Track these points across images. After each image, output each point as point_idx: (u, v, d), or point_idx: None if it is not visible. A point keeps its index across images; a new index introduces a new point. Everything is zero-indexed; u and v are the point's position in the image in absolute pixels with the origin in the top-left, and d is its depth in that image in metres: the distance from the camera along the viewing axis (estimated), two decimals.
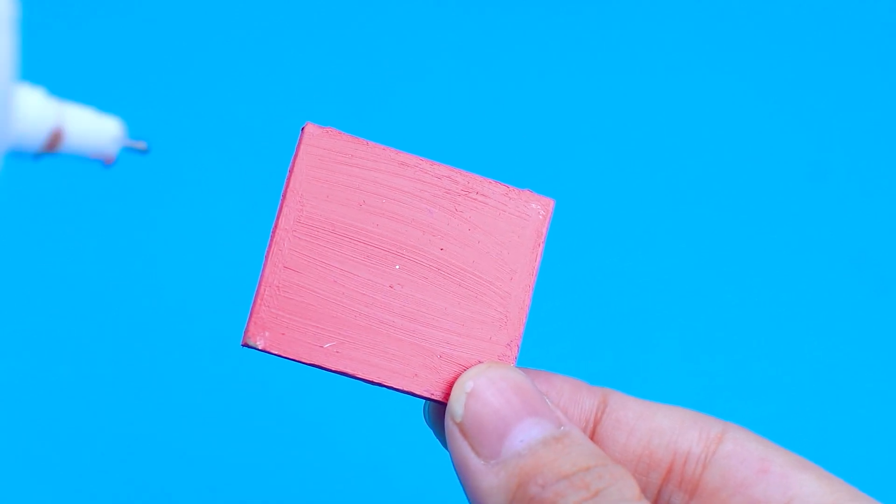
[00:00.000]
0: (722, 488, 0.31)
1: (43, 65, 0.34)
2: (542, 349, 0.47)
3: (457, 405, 0.28)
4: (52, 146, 0.24)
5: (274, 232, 0.29)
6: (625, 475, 0.28)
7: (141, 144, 0.27)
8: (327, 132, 0.30)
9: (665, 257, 0.54)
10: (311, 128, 0.30)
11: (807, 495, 0.30)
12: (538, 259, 0.30)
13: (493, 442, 0.28)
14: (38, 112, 0.23)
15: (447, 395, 0.29)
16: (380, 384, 0.29)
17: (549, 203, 0.31)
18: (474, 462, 0.28)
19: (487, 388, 0.28)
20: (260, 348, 0.29)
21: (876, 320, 0.54)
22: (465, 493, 0.28)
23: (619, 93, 0.57)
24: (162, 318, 0.46)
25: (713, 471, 0.31)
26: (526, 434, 0.28)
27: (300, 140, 0.30)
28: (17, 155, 0.23)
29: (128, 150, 0.26)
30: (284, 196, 0.29)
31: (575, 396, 0.31)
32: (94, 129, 0.25)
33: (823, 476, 0.31)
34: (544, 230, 0.30)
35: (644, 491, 0.32)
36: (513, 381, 0.29)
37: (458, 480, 0.29)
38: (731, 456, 0.31)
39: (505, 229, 0.30)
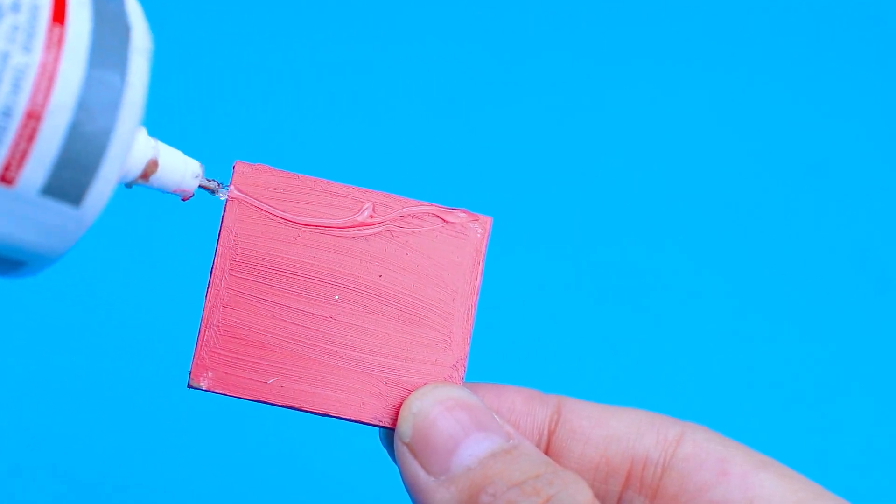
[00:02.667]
0: (682, 492, 0.31)
1: None
2: (492, 364, 0.47)
3: (404, 426, 0.28)
4: (146, 176, 0.27)
5: (211, 272, 0.29)
6: (576, 480, 0.28)
7: (214, 185, 0.29)
8: (256, 169, 0.30)
9: (603, 265, 0.54)
10: (240, 166, 0.30)
11: (768, 496, 0.30)
12: (479, 278, 0.30)
13: (442, 458, 0.28)
14: (142, 143, 0.26)
15: (396, 420, 0.29)
16: (327, 415, 0.29)
17: (487, 221, 0.30)
18: (424, 479, 0.28)
19: (434, 407, 0.28)
20: (204, 389, 0.29)
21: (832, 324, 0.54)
22: None
23: (552, 105, 0.57)
24: (106, 365, 0.46)
25: (672, 475, 0.31)
26: (475, 448, 0.28)
27: (231, 179, 0.30)
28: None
29: (203, 189, 0.29)
30: (219, 236, 0.29)
31: (527, 408, 0.31)
32: (180, 166, 0.28)
33: (784, 475, 0.31)
34: (483, 249, 0.30)
35: (604, 499, 0.32)
36: (459, 399, 0.29)
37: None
38: (690, 459, 0.31)
39: (444, 251, 0.30)
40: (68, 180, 0.22)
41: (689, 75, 0.59)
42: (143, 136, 0.26)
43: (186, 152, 0.28)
